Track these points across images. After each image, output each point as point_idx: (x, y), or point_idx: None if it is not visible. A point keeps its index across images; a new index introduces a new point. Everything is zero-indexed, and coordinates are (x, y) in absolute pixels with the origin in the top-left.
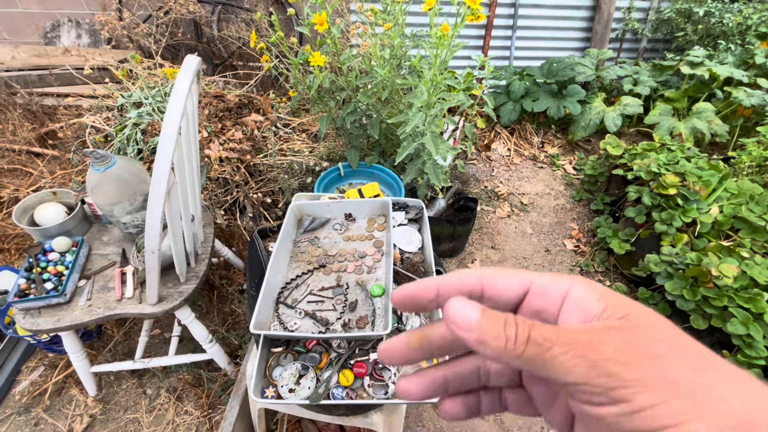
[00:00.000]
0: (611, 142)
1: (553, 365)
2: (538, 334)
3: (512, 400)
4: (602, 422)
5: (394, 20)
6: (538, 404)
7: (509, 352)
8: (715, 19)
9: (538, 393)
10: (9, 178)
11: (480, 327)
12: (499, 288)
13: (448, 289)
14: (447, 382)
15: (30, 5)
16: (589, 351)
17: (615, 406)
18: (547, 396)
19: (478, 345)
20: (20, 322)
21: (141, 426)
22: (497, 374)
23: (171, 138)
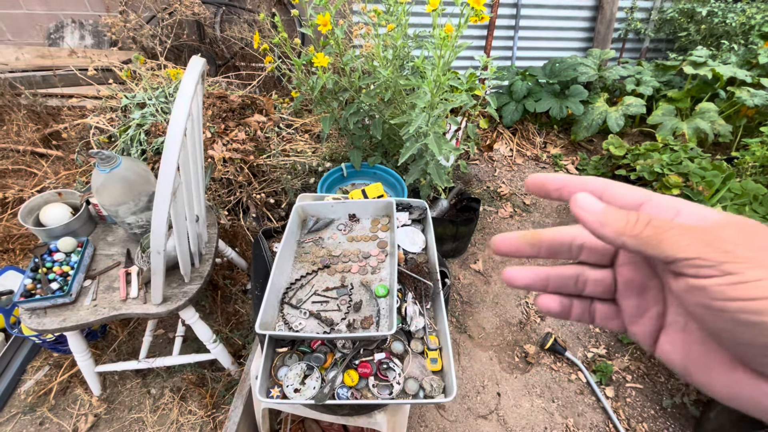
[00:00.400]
0: (614, 142)
1: (669, 243)
2: (657, 221)
3: (601, 312)
4: (704, 293)
5: (397, 21)
6: (626, 317)
7: (629, 230)
8: (718, 19)
9: (629, 306)
10: (14, 179)
11: (604, 211)
12: (616, 195)
13: (574, 186)
14: (548, 280)
15: (34, 6)
16: (705, 234)
17: (723, 278)
18: (638, 308)
19: (600, 226)
20: (26, 321)
21: (145, 425)
22: (594, 283)
23: (177, 139)
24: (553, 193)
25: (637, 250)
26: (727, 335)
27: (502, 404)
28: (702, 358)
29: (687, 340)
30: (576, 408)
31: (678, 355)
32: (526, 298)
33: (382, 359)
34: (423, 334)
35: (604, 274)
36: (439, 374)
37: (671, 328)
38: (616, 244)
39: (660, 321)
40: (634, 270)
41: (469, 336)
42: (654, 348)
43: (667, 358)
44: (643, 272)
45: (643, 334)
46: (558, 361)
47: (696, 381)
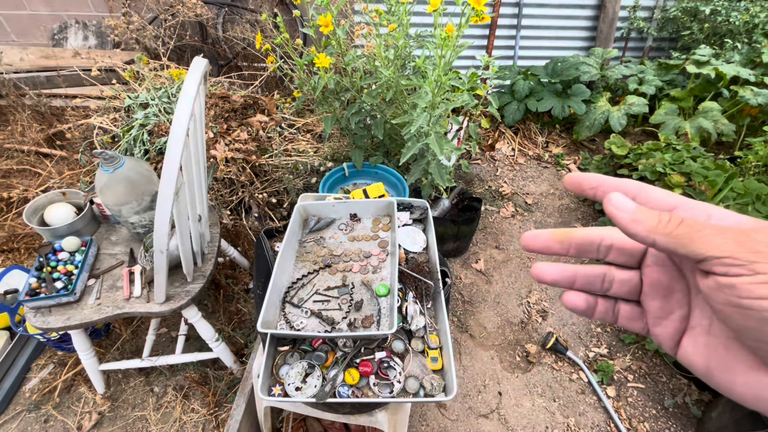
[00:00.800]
0: (616, 141)
1: (701, 242)
2: (690, 220)
3: (624, 312)
4: (733, 291)
5: (399, 21)
6: (650, 318)
7: (661, 229)
8: (721, 18)
9: (654, 307)
10: (18, 179)
11: (637, 209)
12: (650, 198)
13: (608, 186)
14: (575, 278)
15: (38, 7)
16: (738, 235)
17: (753, 277)
18: (663, 310)
19: (632, 224)
20: (31, 320)
21: (149, 423)
22: (620, 283)
23: (180, 139)
24: (588, 191)
25: (668, 248)
26: (752, 334)
27: (503, 403)
28: (726, 360)
29: (711, 343)
30: (577, 407)
31: (701, 357)
32: (527, 297)
33: (383, 358)
34: (423, 333)
35: (631, 275)
36: (440, 373)
37: (695, 330)
38: (647, 242)
39: (683, 323)
40: (661, 272)
41: (470, 335)
42: (676, 350)
43: (689, 360)
44: (670, 274)
45: (665, 335)
46: (559, 361)
47: (718, 383)
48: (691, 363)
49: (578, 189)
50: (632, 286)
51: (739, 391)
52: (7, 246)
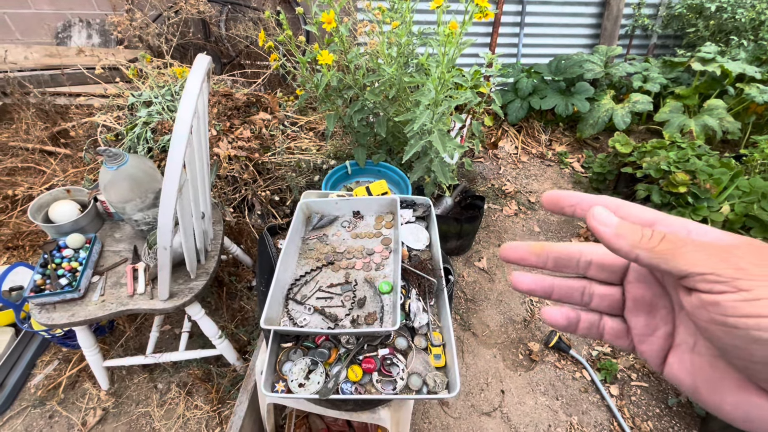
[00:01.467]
0: (620, 139)
1: (683, 258)
2: (672, 236)
3: (610, 328)
4: (716, 308)
5: (402, 18)
6: (635, 335)
7: (643, 244)
8: (727, 15)
9: (638, 324)
10: (23, 177)
11: (619, 224)
12: (629, 213)
13: (587, 203)
14: (552, 288)
15: (42, 6)
16: (719, 251)
17: (736, 294)
18: (647, 327)
19: (615, 238)
20: (36, 316)
21: (152, 420)
22: (600, 297)
23: (183, 136)
24: (567, 209)
25: (651, 263)
26: (738, 353)
27: (506, 401)
28: (712, 379)
29: (696, 361)
30: (580, 406)
31: (687, 374)
32: (530, 296)
33: (386, 355)
34: (426, 330)
35: (612, 291)
36: (443, 370)
37: (680, 348)
38: (630, 257)
39: (669, 341)
40: (644, 288)
41: (473, 333)
42: (662, 367)
43: (676, 378)
44: (653, 291)
45: (651, 353)
46: (562, 359)
47: (705, 401)
48: (677, 380)
49: (557, 207)
50: (613, 301)
51: (728, 410)
52: (12, 243)
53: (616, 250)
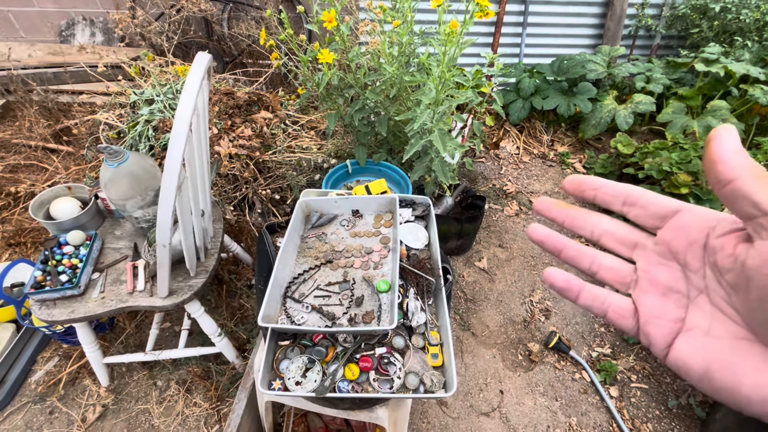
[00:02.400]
0: (622, 140)
1: None
2: None
3: (616, 306)
4: None
5: (403, 17)
6: (643, 316)
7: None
8: (731, 15)
9: (648, 304)
10: (25, 174)
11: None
12: (653, 202)
13: (609, 189)
14: (563, 247)
15: (46, 4)
16: None
17: None
18: (658, 308)
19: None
20: (36, 313)
21: (151, 416)
22: (608, 269)
23: (182, 133)
24: (588, 192)
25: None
26: None
27: (504, 402)
28: (731, 361)
29: (712, 345)
30: (579, 407)
31: (699, 359)
32: (530, 296)
33: (383, 354)
34: (424, 329)
35: (621, 265)
36: (440, 369)
37: (692, 332)
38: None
39: (678, 325)
40: (662, 269)
41: (472, 333)
42: (666, 351)
43: (684, 362)
44: (672, 272)
45: (657, 335)
46: (562, 360)
47: (719, 385)
48: (686, 365)
49: (578, 190)
50: (621, 276)
51: (745, 392)
52: (13, 240)
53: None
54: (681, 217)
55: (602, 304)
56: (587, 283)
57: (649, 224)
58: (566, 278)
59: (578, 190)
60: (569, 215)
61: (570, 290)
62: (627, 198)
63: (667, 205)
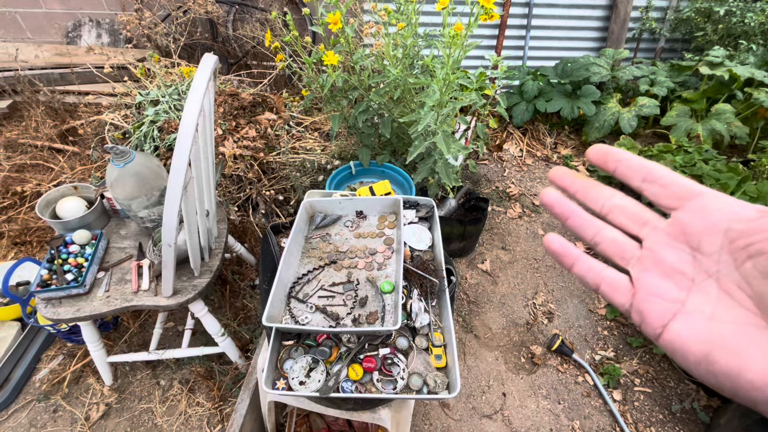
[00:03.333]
0: (626, 143)
1: None
2: None
3: (611, 279)
4: None
5: (408, 20)
6: (640, 293)
7: None
8: (736, 19)
9: (647, 282)
10: (32, 173)
11: None
12: (676, 182)
13: (634, 163)
14: (570, 214)
15: (52, 5)
16: None
17: None
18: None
19: None
20: (42, 311)
21: (154, 416)
22: (610, 242)
23: (189, 133)
24: (611, 164)
25: None
26: None
27: (507, 404)
28: (737, 346)
29: (716, 329)
30: (582, 410)
31: (698, 342)
32: (533, 299)
33: (387, 354)
34: (428, 330)
35: (625, 240)
36: (443, 371)
37: (692, 316)
38: None
39: (677, 306)
40: (672, 250)
41: (475, 336)
42: (661, 330)
43: (682, 344)
44: (679, 255)
45: (654, 315)
46: (565, 363)
47: (719, 368)
48: (683, 347)
49: (602, 161)
50: (623, 250)
51: (750, 377)
52: (20, 239)
53: None
54: (703, 200)
55: (596, 276)
56: (584, 254)
57: (666, 204)
58: (564, 245)
59: (601, 161)
60: (582, 186)
61: (566, 256)
62: (648, 174)
63: (689, 187)
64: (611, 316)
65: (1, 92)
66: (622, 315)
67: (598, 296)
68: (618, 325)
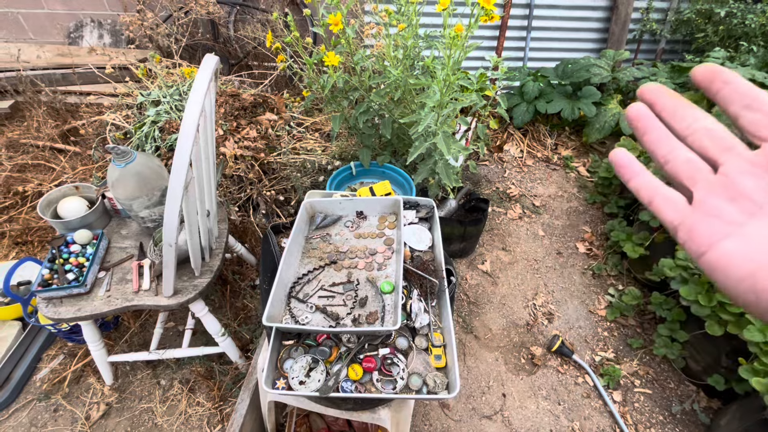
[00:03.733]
0: (627, 144)
1: None
2: None
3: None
4: None
5: (408, 21)
6: (698, 210)
7: None
8: (737, 20)
9: (711, 202)
10: (33, 173)
11: None
12: None
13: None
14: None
15: (54, 6)
16: None
17: None
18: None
19: None
20: (43, 310)
21: (155, 415)
22: (684, 161)
23: (190, 133)
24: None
25: None
26: None
27: (507, 405)
28: None
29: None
30: (582, 411)
31: (746, 259)
32: (533, 300)
33: (387, 354)
34: (427, 330)
35: (697, 159)
36: (443, 371)
37: (750, 237)
38: None
39: (733, 227)
40: (750, 178)
41: (475, 336)
42: (706, 249)
43: (727, 260)
44: (759, 184)
45: (703, 233)
46: (565, 364)
47: (763, 285)
48: (728, 264)
49: (708, 80)
50: (694, 170)
51: None
52: (21, 238)
53: None
54: None
55: (652, 191)
56: (647, 171)
57: (762, 134)
58: (629, 158)
59: (707, 80)
60: (673, 105)
61: (627, 168)
62: (754, 101)
63: None
64: (611, 318)
65: (3, 92)
66: None
67: (599, 297)
68: (618, 326)
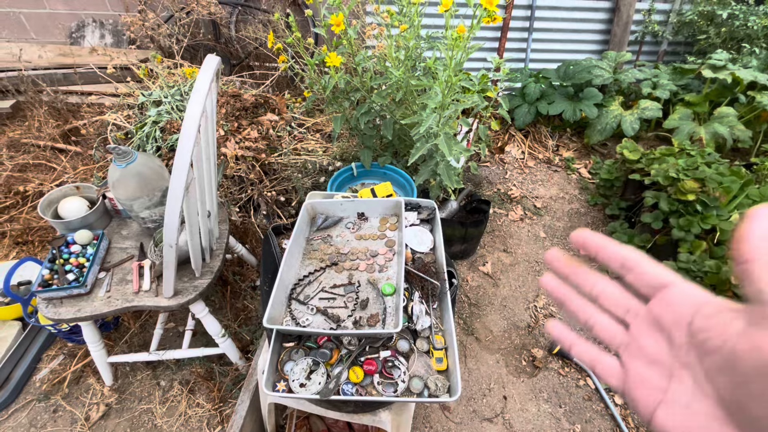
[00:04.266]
0: (628, 146)
1: None
2: None
3: (604, 365)
4: None
5: (410, 22)
6: (631, 378)
7: None
8: (739, 22)
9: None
10: (34, 173)
11: None
12: (646, 272)
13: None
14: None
15: (56, 6)
16: None
17: None
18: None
19: None
20: (43, 311)
21: (154, 416)
22: (601, 327)
23: (191, 134)
24: (591, 250)
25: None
26: None
27: (508, 408)
28: None
29: (691, 420)
30: (584, 414)
31: (683, 429)
32: (534, 302)
33: (388, 357)
34: (429, 333)
35: (614, 326)
36: (444, 374)
37: (672, 405)
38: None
39: (662, 395)
40: (651, 339)
41: (476, 338)
42: (650, 417)
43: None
44: (659, 345)
45: (641, 400)
46: (566, 367)
47: None
48: None
49: (582, 246)
50: (613, 336)
51: None
52: (21, 238)
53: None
54: (670, 293)
55: (594, 358)
56: (580, 338)
57: (642, 291)
58: (562, 331)
59: (582, 246)
60: (573, 271)
61: (565, 338)
62: (625, 262)
63: (659, 278)
64: None
65: (5, 92)
66: None
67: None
68: None
